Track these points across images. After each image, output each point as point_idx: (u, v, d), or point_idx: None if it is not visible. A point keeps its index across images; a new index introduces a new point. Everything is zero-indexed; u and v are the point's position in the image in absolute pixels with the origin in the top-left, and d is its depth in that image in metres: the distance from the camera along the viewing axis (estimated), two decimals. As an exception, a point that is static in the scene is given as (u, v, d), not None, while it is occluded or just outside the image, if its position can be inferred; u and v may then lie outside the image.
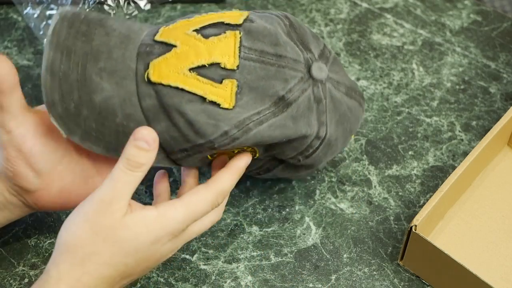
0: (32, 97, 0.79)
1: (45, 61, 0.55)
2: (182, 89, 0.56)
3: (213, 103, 0.56)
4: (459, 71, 0.84)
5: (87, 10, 0.58)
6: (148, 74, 0.57)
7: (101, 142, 0.57)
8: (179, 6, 0.90)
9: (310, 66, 0.60)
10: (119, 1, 0.87)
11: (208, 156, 0.60)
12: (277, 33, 0.59)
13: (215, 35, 0.57)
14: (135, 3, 0.88)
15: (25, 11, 0.85)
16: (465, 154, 0.75)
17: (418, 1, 0.92)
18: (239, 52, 0.57)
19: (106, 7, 0.87)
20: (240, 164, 0.59)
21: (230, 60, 0.57)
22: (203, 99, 0.56)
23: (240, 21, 0.59)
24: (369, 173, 0.74)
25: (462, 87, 0.82)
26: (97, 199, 0.53)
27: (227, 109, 0.56)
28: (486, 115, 0.79)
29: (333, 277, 0.66)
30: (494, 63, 0.85)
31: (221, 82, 0.56)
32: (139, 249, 0.54)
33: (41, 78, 0.54)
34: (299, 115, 0.59)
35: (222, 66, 0.56)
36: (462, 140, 0.77)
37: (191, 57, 0.57)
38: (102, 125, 0.56)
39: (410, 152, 0.76)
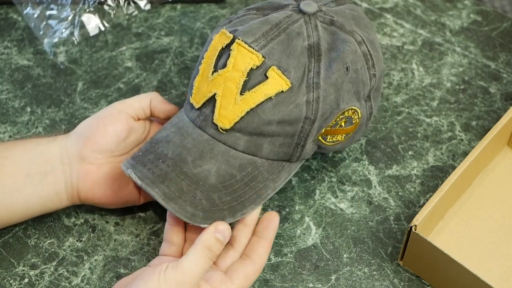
0: (32, 97, 0.79)
1: (159, 198, 0.60)
2: (250, 110, 0.62)
3: (278, 94, 0.62)
4: (459, 71, 0.84)
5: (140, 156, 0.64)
6: (221, 129, 0.63)
7: (245, 202, 0.62)
8: (179, 6, 0.90)
9: (300, 8, 0.65)
10: (119, 1, 0.87)
11: (321, 139, 0.66)
12: (257, 19, 0.65)
13: (228, 57, 0.63)
14: (135, 3, 0.88)
15: (25, 11, 0.85)
16: (465, 154, 0.75)
17: (418, 1, 0.92)
18: (251, 47, 0.62)
19: (106, 7, 0.87)
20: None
21: (254, 58, 0.62)
22: (269, 99, 0.62)
23: (230, 35, 0.64)
24: (369, 173, 0.74)
25: (462, 87, 0.82)
26: (177, 280, 0.56)
27: (290, 88, 0.62)
28: (486, 115, 0.79)
29: (333, 277, 0.66)
30: (494, 63, 0.85)
31: (267, 77, 0.62)
32: None
33: (167, 209, 0.60)
34: (332, 43, 0.64)
35: (255, 67, 0.62)
36: (462, 140, 0.77)
37: (232, 87, 0.62)
38: (234, 192, 0.62)
39: (410, 152, 0.76)
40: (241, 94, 0.62)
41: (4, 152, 0.64)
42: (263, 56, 0.62)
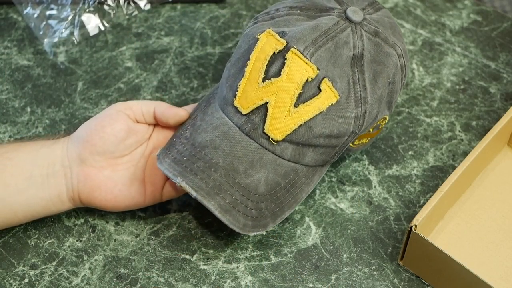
0: (32, 97, 0.79)
1: (216, 210, 0.60)
2: (304, 123, 0.62)
3: (328, 107, 0.62)
4: (459, 71, 0.84)
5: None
6: (272, 140, 0.63)
7: (285, 208, 0.64)
8: (179, 6, 0.90)
9: (347, 16, 0.65)
10: (119, 1, 0.87)
11: (351, 144, 0.68)
12: (304, 23, 0.64)
13: (281, 67, 0.62)
14: (135, 3, 0.88)
15: (25, 11, 0.85)
16: (465, 154, 0.75)
17: (418, 1, 0.92)
18: (307, 58, 0.61)
19: (106, 7, 0.87)
20: None
21: (309, 70, 0.62)
22: (320, 112, 0.62)
23: (283, 41, 0.63)
24: (369, 173, 0.74)
25: (462, 87, 0.82)
26: None
27: (338, 101, 0.62)
28: (486, 115, 0.79)
29: (333, 277, 0.66)
30: (494, 63, 0.85)
31: (320, 90, 0.62)
32: None
33: (222, 221, 0.61)
34: (375, 55, 0.64)
35: (310, 80, 0.62)
36: (462, 140, 0.77)
37: (285, 97, 0.62)
38: (277, 199, 0.64)
39: (410, 152, 0.76)
40: (295, 106, 0.62)
41: (8, 154, 0.64)
42: (317, 68, 0.62)
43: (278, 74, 0.62)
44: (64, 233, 0.69)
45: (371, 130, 0.68)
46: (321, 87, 0.62)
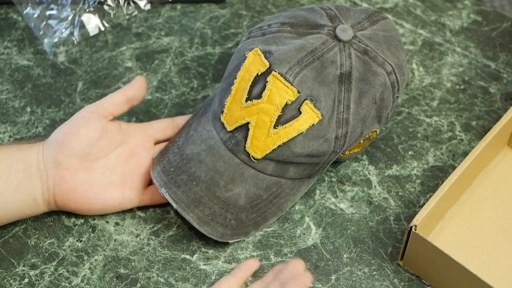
0: (32, 97, 0.79)
1: (194, 222, 0.64)
2: (283, 143, 0.63)
3: (309, 127, 0.63)
4: (459, 71, 0.84)
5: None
6: (253, 157, 0.64)
7: (268, 216, 0.67)
8: (179, 6, 0.90)
9: (336, 34, 0.65)
10: (119, 1, 0.87)
11: (341, 154, 0.69)
12: (292, 42, 0.64)
13: (263, 89, 0.63)
14: (135, 3, 0.88)
15: (25, 11, 0.85)
16: (465, 154, 0.75)
17: (418, 1, 0.92)
18: (289, 82, 0.62)
19: (106, 7, 0.87)
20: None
21: (290, 94, 0.63)
22: (300, 133, 0.63)
23: (266, 63, 0.63)
24: (369, 173, 0.74)
25: (462, 87, 0.82)
26: None
27: (320, 120, 0.63)
28: (486, 115, 0.79)
29: (333, 277, 0.66)
30: (494, 63, 0.85)
31: (300, 112, 0.63)
32: None
33: (200, 230, 0.65)
34: (363, 73, 0.64)
35: (289, 103, 0.63)
36: (462, 140, 0.77)
37: (266, 119, 0.63)
38: (259, 210, 0.66)
39: (410, 152, 0.76)
40: (274, 127, 0.63)
41: None
42: (298, 92, 0.62)
43: (259, 96, 0.63)
44: (64, 233, 0.69)
45: (361, 141, 0.69)
46: (301, 109, 0.63)
